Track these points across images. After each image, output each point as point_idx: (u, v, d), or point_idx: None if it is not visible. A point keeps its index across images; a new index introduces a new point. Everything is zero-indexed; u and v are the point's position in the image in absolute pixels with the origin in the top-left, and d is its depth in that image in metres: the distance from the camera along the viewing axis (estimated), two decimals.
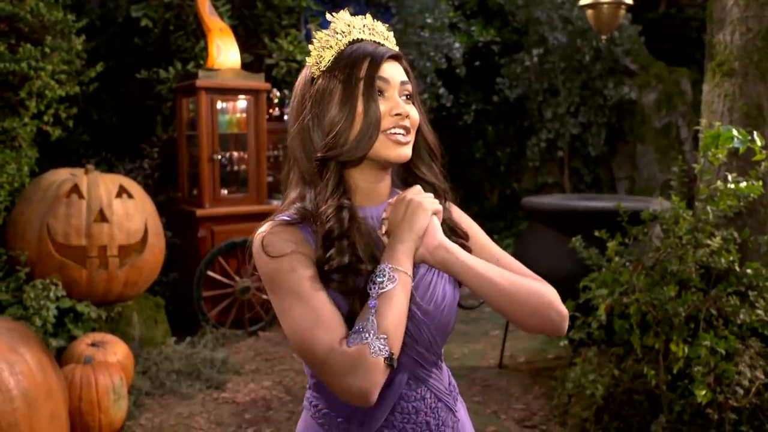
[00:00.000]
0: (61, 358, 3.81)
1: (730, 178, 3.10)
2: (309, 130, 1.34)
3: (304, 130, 1.35)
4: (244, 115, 5.53)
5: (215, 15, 5.55)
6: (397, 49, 1.40)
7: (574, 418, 3.53)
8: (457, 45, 7.60)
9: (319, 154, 1.31)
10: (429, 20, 7.41)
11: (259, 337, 5.29)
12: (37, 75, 4.32)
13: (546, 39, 7.47)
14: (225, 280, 5.25)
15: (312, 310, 1.22)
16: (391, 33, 1.44)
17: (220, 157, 5.36)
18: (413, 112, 1.35)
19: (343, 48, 1.36)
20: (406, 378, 1.33)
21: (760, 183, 3.03)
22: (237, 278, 5.28)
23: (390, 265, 1.25)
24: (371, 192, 1.38)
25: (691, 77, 7.57)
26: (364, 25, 1.39)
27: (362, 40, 1.37)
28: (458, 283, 1.40)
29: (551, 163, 8.11)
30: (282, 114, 6.17)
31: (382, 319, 1.20)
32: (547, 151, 7.83)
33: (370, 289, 1.24)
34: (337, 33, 1.38)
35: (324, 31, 1.39)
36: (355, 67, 1.32)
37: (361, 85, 1.31)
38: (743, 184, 3.02)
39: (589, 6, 4.54)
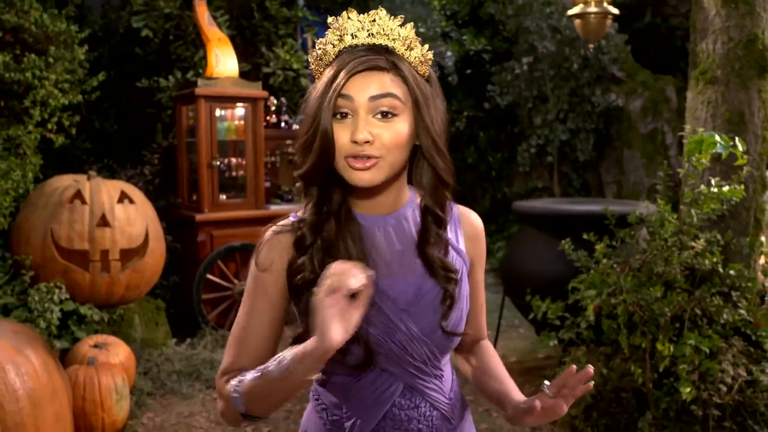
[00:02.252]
0: (64, 359, 3.81)
1: (713, 182, 3.12)
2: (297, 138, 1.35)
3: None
4: (242, 122, 5.54)
5: (214, 25, 5.56)
6: (403, 48, 1.26)
7: (563, 415, 3.54)
8: (449, 53, 7.63)
9: (294, 172, 1.34)
10: (422, 29, 7.44)
11: None
12: (41, 84, 4.33)
13: (535, 48, 7.50)
14: (224, 282, 5.25)
15: (245, 326, 1.34)
16: (405, 29, 1.27)
17: (218, 163, 5.37)
18: (390, 131, 1.22)
19: (331, 59, 1.27)
20: (400, 388, 1.30)
21: (742, 187, 3.06)
22: (236, 281, 5.29)
23: (289, 356, 1.12)
24: (376, 202, 1.32)
25: (676, 85, 7.61)
26: (362, 27, 1.25)
27: (355, 46, 1.25)
28: (467, 300, 1.36)
29: (541, 168, 8.14)
30: (279, 121, 6.18)
31: (256, 385, 1.18)
32: (537, 156, 7.85)
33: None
34: (329, 42, 1.28)
35: (320, 39, 1.30)
36: (325, 83, 1.24)
37: (325, 104, 1.22)
38: (726, 188, 3.05)
39: (576, 16, 4.56)
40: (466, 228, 1.42)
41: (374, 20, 1.26)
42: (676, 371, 2.99)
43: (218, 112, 5.41)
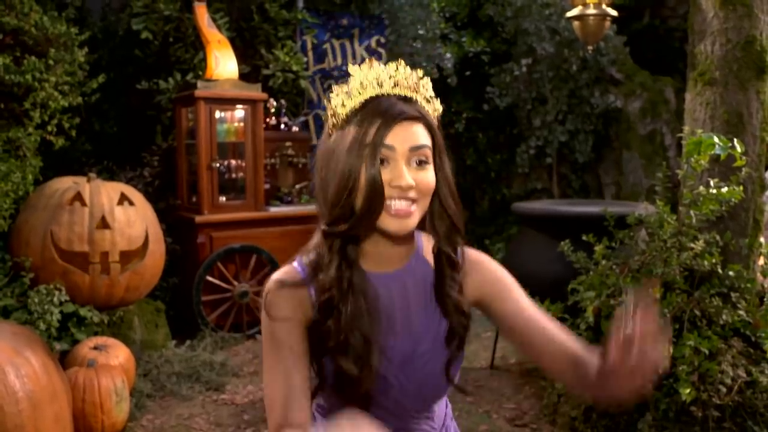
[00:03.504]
0: (64, 361, 3.80)
1: (712, 183, 3.13)
2: (321, 190, 1.29)
3: (319, 188, 1.29)
4: (242, 124, 5.53)
5: (213, 27, 5.56)
6: (423, 100, 1.29)
7: (563, 417, 3.54)
8: (448, 55, 7.62)
9: (324, 227, 1.27)
10: (421, 31, 7.43)
11: (257, 340, 5.29)
12: (41, 86, 4.32)
13: (534, 49, 7.50)
14: (223, 284, 5.25)
15: (280, 382, 1.25)
16: (423, 80, 1.31)
17: (218, 165, 5.37)
18: (425, 179, 1.24)
19: (357, 106, 1.26)
20: (393, 429, 1.30)
21: (741, 188, 3.06)
22: (235, 283, 5.29)
23: None
24: (382, 257, 1.32)
25: (675, 86, 7.61)
26: (389, 77, 1.27)
27: (382, 96, 1.26)
28: (461, 347, 1.35)
29: (540, 170, 8.13)
30: (278, 123, 6.18)
31: None
32: (536, 157, 7.85)
33: None
34: (353, 88, 1.27)
35: (341, 86, 1.30)
36: (362, 131, 1.22)
37: (365, 153, 1.21)
38: (725, 189, 3.05)
39: (575, 18, 4.57)
40: (466, 265, 1.39)
41: (397, 70, 1.28)
42: (676, 372, 2.99)
43: (218, 114, 5.41)
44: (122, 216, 4.40)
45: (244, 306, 5.31)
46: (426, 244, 1.38)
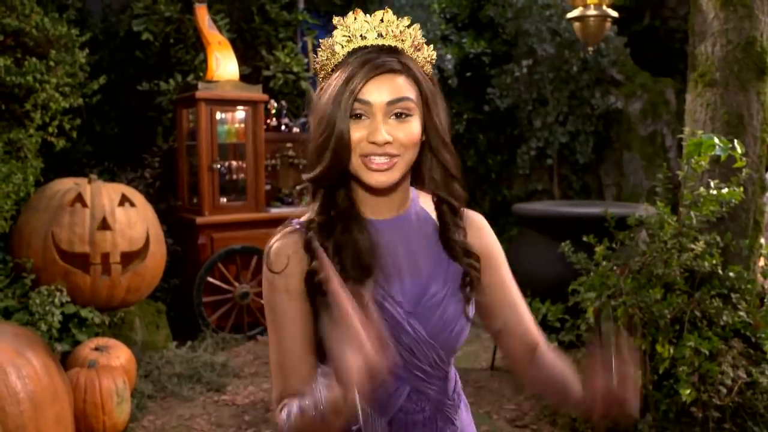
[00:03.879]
0: (65, 362, 3.81)
1: (712, 184, 3.13)
2: (306, 142, 1.31)
3: (307, 141, 1.31)
4: (243, 125, 5.54)
5: (214, 28, 5.57)
6: (411, 48, 1.29)
7: (563, 417, 3.55)
8: (448, 56, 7.63)
9: (303, 176, 1.31)
10: (421, 32, 7.44)
11: (258, 341, 5.30)
12: (42, 87, 4.33)
13: (535, 50, 7.50)
14: (224, 285, 5.26)
15: (280, 352, 1.28)
16: (411, 28, 1.30)
17: (219, 166, 5.38)
18: (405, 132, 1.23)
19: (340, 60, 1.26)
20: (407, 391, 1.30)
21: (741, 189, 3.06)
22: (236, 284, 5.29)
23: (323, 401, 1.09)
24: (379, 205, 1.32)
25: (675, 87, 7.61)
26: (373, 28, 1.26)
27: (365, 48, 1.25)
28: (473, 300, 1.35)
29: (541, 171, 8.13)
30: (279, 124, 6.18)
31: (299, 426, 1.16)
32: (537, 158, 7.85)
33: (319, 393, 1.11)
34: (336, 43, 1.27)
35: (327, 39, 1.30)
36: (339, 85, 1.23)
37: (340, 107, 1.21)
38: (725, 190, 3.05)
39: (576, 19, 4.57)
40: (466, 224, 1.40)
41: (382, 20, 1.27)
42: (676, 373, 3.00)
43: (218, 115, 5.42)
44: (123, 217, 4.41)
45: (245, 307, 5.32)
46: (422, 196, 1.39)
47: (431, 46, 1.33)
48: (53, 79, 4.39)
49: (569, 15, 4.66)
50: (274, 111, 6.14)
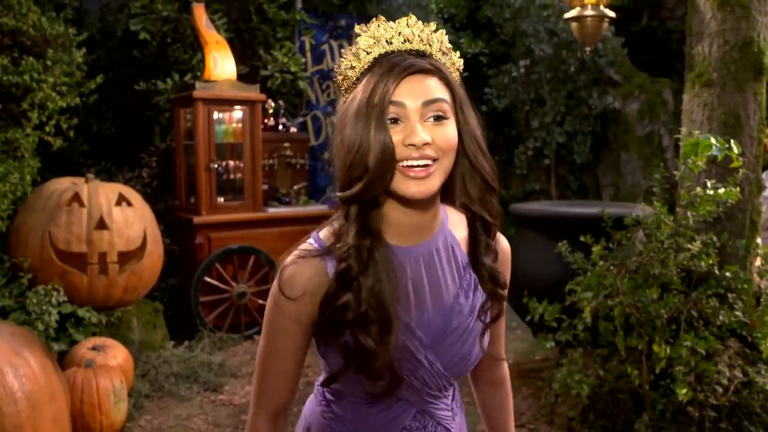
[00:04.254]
0: (62, 361, 3.81)
1: (709, 184, 3.13)
2: (337, 157, 1.21)
3: (335, 156, 1.21)
4: (240, 125, 5.54)
5: (212, 28, 5.57)
6: (438, 53, 1.23)
7: (560, 417, 3.56)
8: None
9: (337, 194, 1.20)
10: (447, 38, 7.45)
11: (255, 341, 5.30)
12: (39, 87, 4.33)
13: (532, 51, 7.52)
14: (222, 285, 5.26)
15: (266, 367, 1.29)
16: (437, 33, 1.24)
17: (216, 166, 5.38)
18: (443, 135, 1.15)
19: (365, 66, 1.20)
20: (412, 413, 1.30)
21: (738, 189, 3.07)
22: (233, 284, 5.29)
23: None
24: (407, 228, 1.23)
25: (673, 87, 7.63)
26: (399, 33, 1.20)
27: (392, 53, 1.19)
28: (497, 319, 1.34)
29: (538, 171, 8.14)
30: (277, 124, 6.18)
31: None
32: (535, 159, 7.86)
33: None
34: (361, 49, 1.21)
35: (350, 48, 1.23)
36: (369, 91, 1.15)
37: (373, 114, 1.13)
38: (722, 191, 3.06)
39: (573, 19, 4.58)
40: (497, 247, 1.35)
41: (408, 25, 1.22)
42: (673, 373, 3.00)
43: (216, 115, 5.42)
44: (120, 217, 4.41)
45: (242, 307, 5.32)
46: (451, 215, 1.31)
47: (458, 52, 1.28)
48: (50, 79, 4.39)
49: (567, 15, 4.67)
50: (271, 111, 6.14)
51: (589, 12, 4.48)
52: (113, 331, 4.39)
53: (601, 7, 4.47)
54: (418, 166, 1.14)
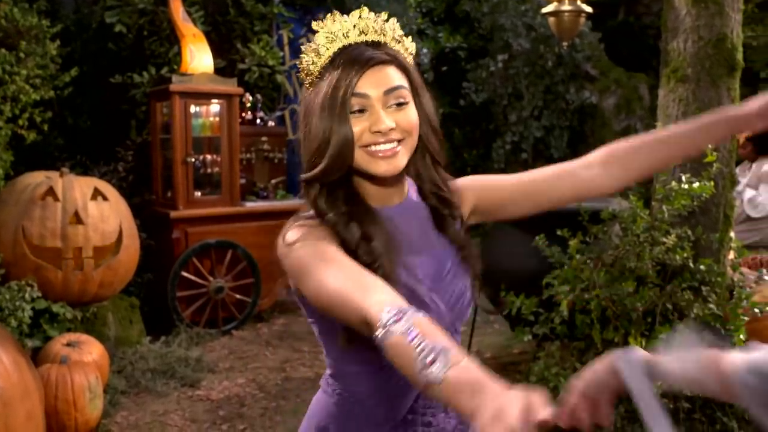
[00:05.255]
0: (36, 358, 3.76)
1: (684, 178, 3.16)
2: (302, 147, 1.32)
3: (301, 145, 1.32)
4: (217, 118, 5.50)
5: (188, 21, 5.52)
6: (392, 42, 1.32)
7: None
8: (425, 51, 7.64)
9: (301, 176, 1.31)
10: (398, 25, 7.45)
11: (232, 336, 5.28)
12: (11, 79, 4.27)
13: (510, 45, 7.54)
14: (199, 280, 5.22)
15: (348, 273, 1.12)
16: (389, 22, 1.33)
17: (193, 160, 5.34)
18: (405, 119, 1.26)
19: (326, 61, 1.29)
20: None
21: (712, 183, 3.10)
22: (211, 278, 5.26)
23: (439, 374, 0.92)
24: (382, 194, 1.34)
25: (649, 82, 7.68)
26: (353, 26, 1.29)
27: (349, 46, 1.28)
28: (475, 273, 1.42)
29: (516, 165, 8.16)
30: (254, 118, 6.15)
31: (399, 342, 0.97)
32: (512, 153, 7.89)
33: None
34: (320, 45, 1.29)
35: (309, 45, 1.32)
36: (333, 85, 1.25)
37: (337, 107, 1.24)
38: (696, 185, 3.09)
39: (550, 14, 4.59)
40: (457, 198, 1.44)
41: (361, 17, 1.29)
42: None
43: (193, 109, 5.38)
44: (96, 211, 4.36)
45: (219, 302, 5.29)
46: (413, 185, 1.42)
47: (410, 37, 1.37)
48: (23, 71, 4.33)
49: (544, 10, 4.68)
50: (249, 104, 6.11)
51: (566, 7, 4.48)
52: (88, 327, 4.34)
53: (578, 3, 4.48)
54: (383, 148, 1.25)
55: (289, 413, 3.91)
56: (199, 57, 5.40)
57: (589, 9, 4.56)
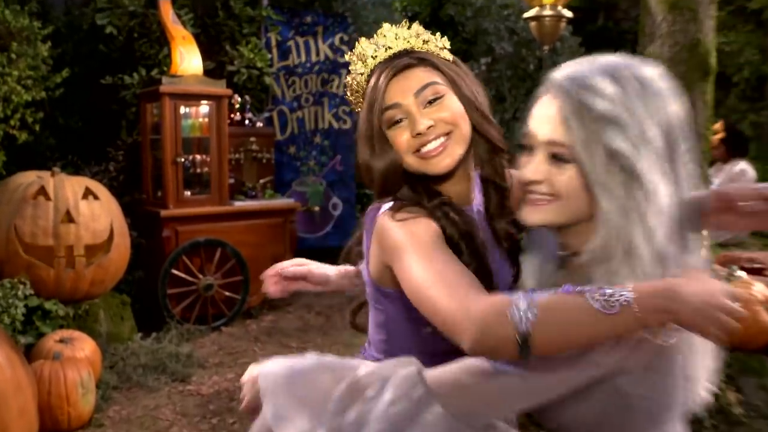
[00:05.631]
0: (30, 354, 3.75)
1: None
2: (363, 172, 1.37)
3: (362, 170, 1.37)
4: (207, 119, 5.50)
5: (178, 23, 5.52)
6: (421, 43, 1.34)
7: None
8: None
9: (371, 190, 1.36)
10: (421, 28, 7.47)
11: (222, 332, 5.28)
12: (3, 80, 4.25)
13: (493, 49, 7.58)
14: (189, 277, 5.22)
15: (455, 271, 1.13)
16: (413, 27, 1.36)
17: (183, 160, 5.33)
18: (443, 110, 1.27)
19: (365, 86, 1.34)
20: None
21: None
22: (200, 276, 5.26)
23: (629, 295, 0.92)
24: (458, 194, 1.35)
25: None
26: (380, 46, 1.32)
27: (379, 64, 1.32)
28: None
29: None
30: (243, 119, 6.15)
31: (552, 305, 0.96)
32: None
33: (591, 290, 0.95)
34: (357, 73, 1.35)
35: (349, 77, 1.37)
36: (366, 111, 1.30)
37: (373, 129, 1.28)
38: None
39: (532, 18, 4.63)
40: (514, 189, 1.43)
41: (385, 36, 1.33)
42: None
43: (183, 110, 5.37)
44: (87, 210, 4.36)
45: (209, 299, 5.29)
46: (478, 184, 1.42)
47: (438, 33, 1.39)
48: (15, 72, 4.32)
49: (526, 15, 4.72)
50: (237, 106, 6.10)
51: (547, 12, 4.52)
52: (80, 324, 4.33)
53: (559, 8, 4.52)
54: (430, 147, 1.26)
55: None
56: (188, 59, 5.40)
57: (569, 14, 4.60)
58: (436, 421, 1.04)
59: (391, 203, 1.29)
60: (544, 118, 1.15)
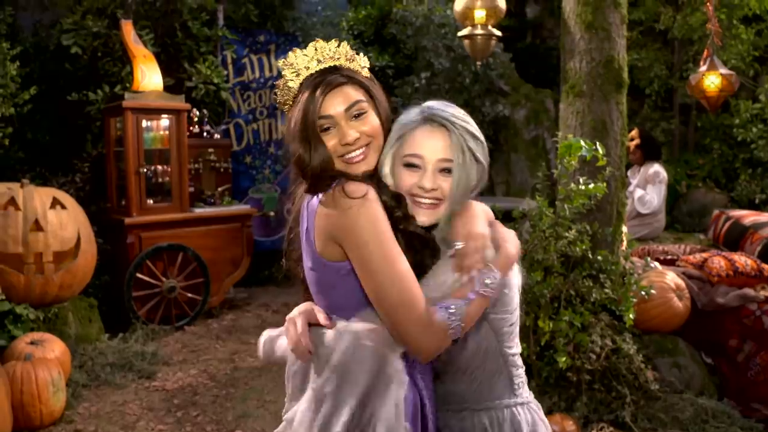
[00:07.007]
0: (2, 356, 3.66)
1: (581, 181, 3.29)
2: (294, 164, 1.44)
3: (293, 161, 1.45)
4: (167, 132, 5.43)
5: (139, 43, 5.44)
6: (346, 62, 1.43)
7: None
8: None
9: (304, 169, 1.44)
10: (349, 46, 7.46)
11: (185, 331, 5.22)
12: None
13: (432, 64, 7.65)
14: (153, 281, 5.15)
15: (404, 274, 1.34)
16: (341, 47, 1.44)
17: (145, 170, 5.26)
18: (366, 125, 1.40)
19: (295, 92, 1.42)
20: None
21: (605, 185, 3.23)
22: (164, 279, 5.19)
23: (502, 278, 1.42)
24: None
25: (554, 97, 7.90)
26: (312, 58, 1.41)
27: (311, 75, 1.41)
28: None
29: None
30: (201, 131, 6.09)
31: (470, 312, 1.35)
32: None
33: (475, 283, 1.36)
34: (288, 80, 1.43)
35: (279, 82, 1.45)
36: (302, 111, 1.37)
37: (308, 129, 1.37)
38: (592, 186, 3.21)
39: (465, 37, 4.69)
40: None
41: (316, 49, 1.41)
42: (555, 344, 3.14)
43: (144, 123, 5.30)
44: (55, 219, 4.27)
45: (172, 300, 5.23)
46: None
47: (361, 54, 1.48)
48: None
49: (460, 33, 4.78)
50: (196, 119, 6.04)
51: (479, 31, 4.59)
52: (50, 326, 4.24)
53: (489, 27, 4.59)
54: (354, 155, 1.39)
55: (238, 400, 3.90)
56: (149, 76, 5.33)
57: (498, 33, 4.68)
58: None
59: (323, 196, 1.38)
60: (436, 143, 1.45)
